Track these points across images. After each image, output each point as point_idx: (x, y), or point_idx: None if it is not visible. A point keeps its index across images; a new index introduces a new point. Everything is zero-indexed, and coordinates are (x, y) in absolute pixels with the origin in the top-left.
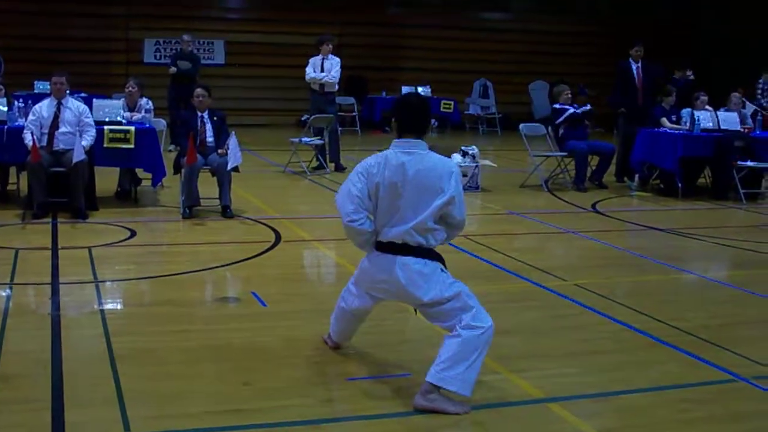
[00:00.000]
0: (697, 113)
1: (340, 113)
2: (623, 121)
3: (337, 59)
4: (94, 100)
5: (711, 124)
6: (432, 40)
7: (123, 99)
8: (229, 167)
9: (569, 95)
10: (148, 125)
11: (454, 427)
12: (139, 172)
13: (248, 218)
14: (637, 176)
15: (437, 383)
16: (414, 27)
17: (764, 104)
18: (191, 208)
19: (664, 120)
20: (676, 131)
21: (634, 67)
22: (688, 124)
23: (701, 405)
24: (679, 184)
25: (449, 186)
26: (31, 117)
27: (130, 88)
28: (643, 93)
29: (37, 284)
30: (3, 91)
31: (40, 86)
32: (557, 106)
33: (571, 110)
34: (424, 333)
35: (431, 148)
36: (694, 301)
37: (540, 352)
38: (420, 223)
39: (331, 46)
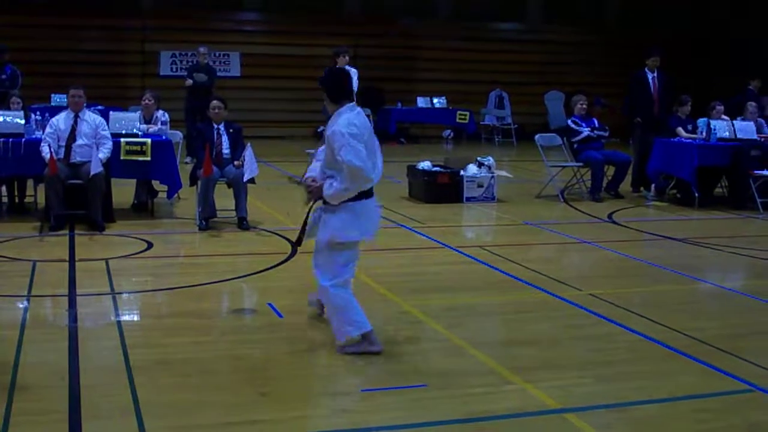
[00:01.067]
0: (713, 122)
1: None
2: (639, 130)
3: (354, 70)
4: (111, 112)
5: (727, 133)
6: (447, 51)
7: (139, 111)
8: (245, 179)
9: (585, 105)
10: (164, 137)
11: None
12: (156, 184)
13: (264, 230)
14: (653, 186)
15: None
16: (428, 38)
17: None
18: (207, 220)
19: (680, 130)
20: (693, 140)
21: (649, 76)
22: (704, 133)
23: (718, 415)
24: (696, 194)
25: None
26: (48, 130)
27: (147, 101)
28: (658, 103)
29: (55, 296)
30: (20, 104)
31: (57, 99)
32: (571, 122)
33: (586, 134)
34: (438, 343)
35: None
36: (710, 310)
37: (556, 363)
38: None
39: (347, 57)
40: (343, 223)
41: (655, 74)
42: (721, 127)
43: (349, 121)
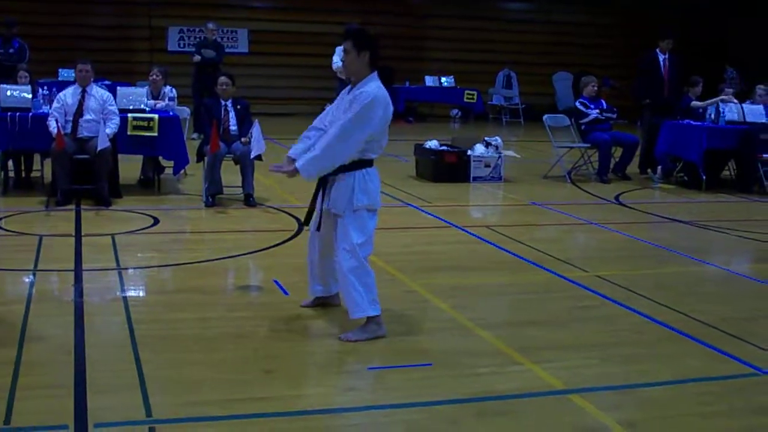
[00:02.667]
0: (722, 105)
1: None
2: (648, 112)
3: None
4: (118, 87)
5: (736, 116)
6: (455, 30)
7: (147, 87)
8: (252, 155)
9: (595, 87)
10: (171, 113)
11: (478, 416)
12: (162, 160)
13: (271, 207)
14: (660, 168)
15: None
16: (437, 17)
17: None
18: (214, 196)
19: (695, 103)
20: (702, 123)
21: (661, 58)
22: (713, 116)
23: (723, 398)
24: (703, 177)
25: None
26: (55, 104)
27: (155, 76)
28: (669, 85)
29: (61, 271)
30: (28, 78)
31: (65, 74)
32: (580, 104)
33: (594, 115)
34: (445, 323)
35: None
36: (716, 293)
37: (562, 343)
38: None
39: None
40: (371, 188)
41: (667, 56)
42: (731, 110)
43: (385, 95)
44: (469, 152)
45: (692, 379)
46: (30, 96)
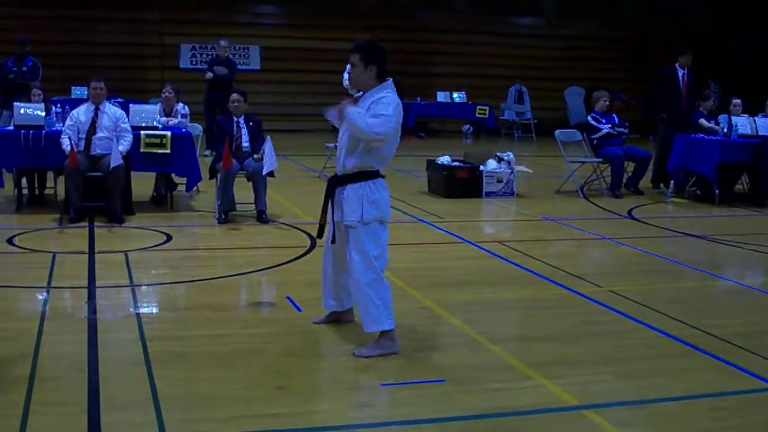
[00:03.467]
0: (734, 119)
1: None
2: (663, 127)
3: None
4: (131, 105)
5: (749, 129)
6: (467, 45)
7: (159, 104)
8: (264, 172)
9: (607, 102)
10: (184, 130)
11: None
12: (175, 177)
13: (283, 223)
14: (672, 182)
15: None
16: (448, 33)
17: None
18: (227, 213)
19: (703, 121)
20: (714, 137)
21: (680, 73)
22: (725, 129)
23: (736, 413)
24: (716, 191)
25: None
26: (68, 122)
27: (167, 93)
28: (686, 100)
29: (74, 288)
30: (41, 96)
31: (77, 91)
32: (591, 119)
33: (606, 130)
34: (457, 338)
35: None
36: (730, 308)
37: (574, 359)
38: None
39: None
40: (381, 199)
41: (686, 71)
42: (743, 123)
43: (400, 102)
44: (481, 167)
45: (706, 394)
46: (43, 114)
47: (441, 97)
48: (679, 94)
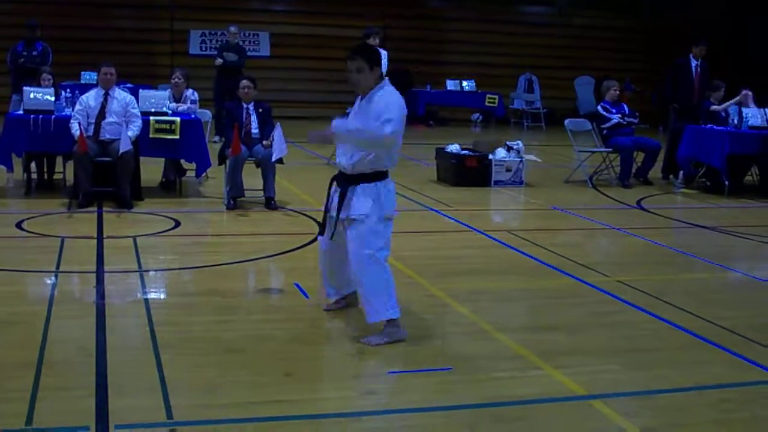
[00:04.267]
0: (745, 110)
1: None
2: (675, 117)
3: (384, 52)
4: (140, 90)
5: (759, 121)
6: (476, 33)
7: (169, 90)
8: (273, 159)
9: (617, 91)
10: (193, 116)
11: (496, 421)
12: (184, 162)
13: (292, 210)
14: (681, 173)
15: None
16: (458, 21)
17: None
18: (235, 199)
19: (715, 107)
20: (724, 128)
21: (693, 64)
22: (735, 120)
23: (744, 405)
24: (726, 182)
25: None
26: (78, 107)
27: (177, 79)
28: (699, 91)
29: (82, 272)
30: (51, 81)
31: (87, 76)
32: (602, 108)
33: (616, 120)
34: (464, 327)
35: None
36: (739, 299)
37: (582, 349)
38: None
39: (378, 39)
40: (381, 199)
41: (699, 62)
42: (753, 114)
43: (401, 100)
44: (490, 156)
45: (713, 385)
46: (53, 98)
47: (451, 85)
48: (691, 85)
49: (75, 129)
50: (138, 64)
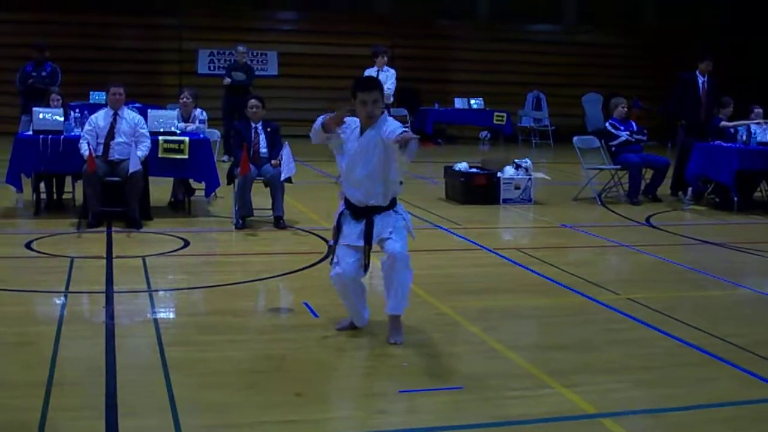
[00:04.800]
0: (753, 126)
1: None
2: (682, 133)
3: (393, 71)
4: (149, 110)
5: None
6: (484, 52)
7: (177, 110)
8: (282, 178)
9: (625, 108)
10: (202, 135)
11: None
12: (193, 182)
13: (301, 229)
14: (690, 190)
15: None
16: (465, 39)
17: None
18: (244, 219)
19: (725, 123)
20: (733, 144)
21: (700, 80)
22: (744, 137)
23: (756, 423)
24: (735, 198)
25: None
26: (87, 127)
27: (185, 99)
28: (706, 107)
29: (92, 293)
30: (60, 101)
31: (96, 97)
32: (610, 125)
33: (624, 137)
34: (475, 346)
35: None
36: (750, 316)
37: (593, 367)
38: None
39: (386, 58)
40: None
41: (706, 78)
42: (762, 131)
43: None
44: (498, 174)
45: (725, 403)
46: (62, 119)
47: (459, 103)
48: (698, 101)
49: (84, 149)
50: (146, 84)
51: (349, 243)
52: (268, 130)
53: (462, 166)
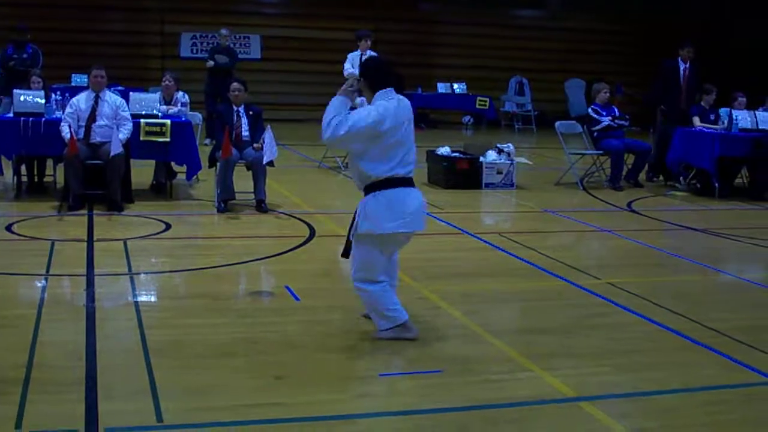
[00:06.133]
0: (735, 112)
1: None
2: (662, 119)
3: (376, 55)
4: (131, 93)
5: (749, 123)
6: (467, 36)
7: (159, 92)
8: (264, 161)
9: (607, 94)
10: (183, 119)
11: (488, 423)
12: (175, 165)
13: (283, 213)
14: (682, 177)
15: None
16: (449, 24)
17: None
18: (226, 202)
19: (696, 119)
20: (714, 130)
21: (681, 67)
22: (726, 123)
23: (735, 407)
24: (716, 184)
25: None
26: (68, 110)
27: (167, 82)
28: (686, 94)
29: (73, 276)
30: (41, 83)
31: (77, 79)
32: (592, 111)
33: (606, 122)
34: (456, 329)
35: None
36: (730, 302)
37: (573, 351)
38: None
39: (369, 42)
40: (371, 212)
41: (688, 65)
42: (743, 117)
43: (387, 110)
44: (481, 159)
45: (704, 387)
46: (43, 101)
47: (441, 88)
48: (679, 88)
49: (65, 132)
50: (129, 67)
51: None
52: (251, 113)
53: (444, 150)
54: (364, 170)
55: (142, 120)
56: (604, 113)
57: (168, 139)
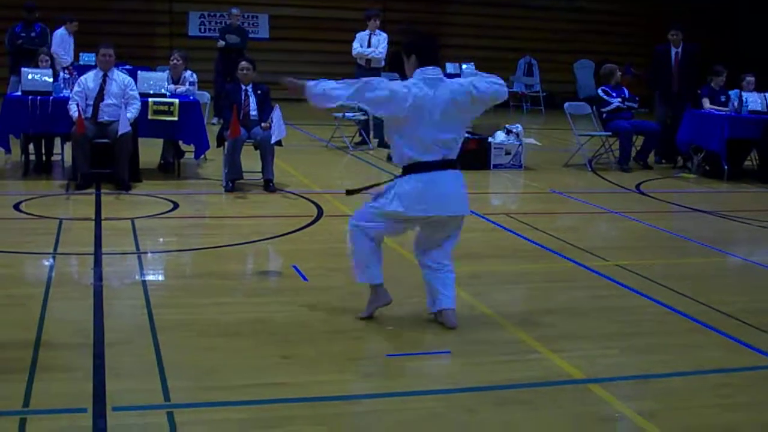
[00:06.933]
0: (745, 95)
1: None
2: (657, 103)
3: (385, 35)
4: (139, 72)
5: (759, 106)
6: (476, 16)
7: (167, 71)
8: (272, 141)
9: (619, 75)
10: (191, 98)
11: (495, 404)
12: (183, 144)
13: (291, 192)
14: (695, 159)
15: None
16: (458, 3)
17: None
18: (234, 182)
19: (706, 100)
20: (724, 112)
21: (673, 51)
22: (735, 105)
23: (743, 390)
24: (725, 166)
25: None
26: (76, 88)
27: (175, 61)
28: (678, 78)
29: (80, 254)
30: (49, 62)
31: (86, 58)
32: (602, 92)
33: (616, 104)
34: (462, 311)
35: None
36: (738, 284)
37: (581, 333)
38: None
39: (378, 21)
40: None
41: (679, 49)
42: (753, 99)
43: (409, 90)
44: (489, 139)
45: (712, 370)
46: (51, 80)
47: (450, 68)
48: (670, 72)
49: (73, 110)
50: (137, 46)
51: None
52: (259, 92)
53: None
54: (398, 150)
55: (150, 99)
56: (614, 94)
57: (176, 118)
